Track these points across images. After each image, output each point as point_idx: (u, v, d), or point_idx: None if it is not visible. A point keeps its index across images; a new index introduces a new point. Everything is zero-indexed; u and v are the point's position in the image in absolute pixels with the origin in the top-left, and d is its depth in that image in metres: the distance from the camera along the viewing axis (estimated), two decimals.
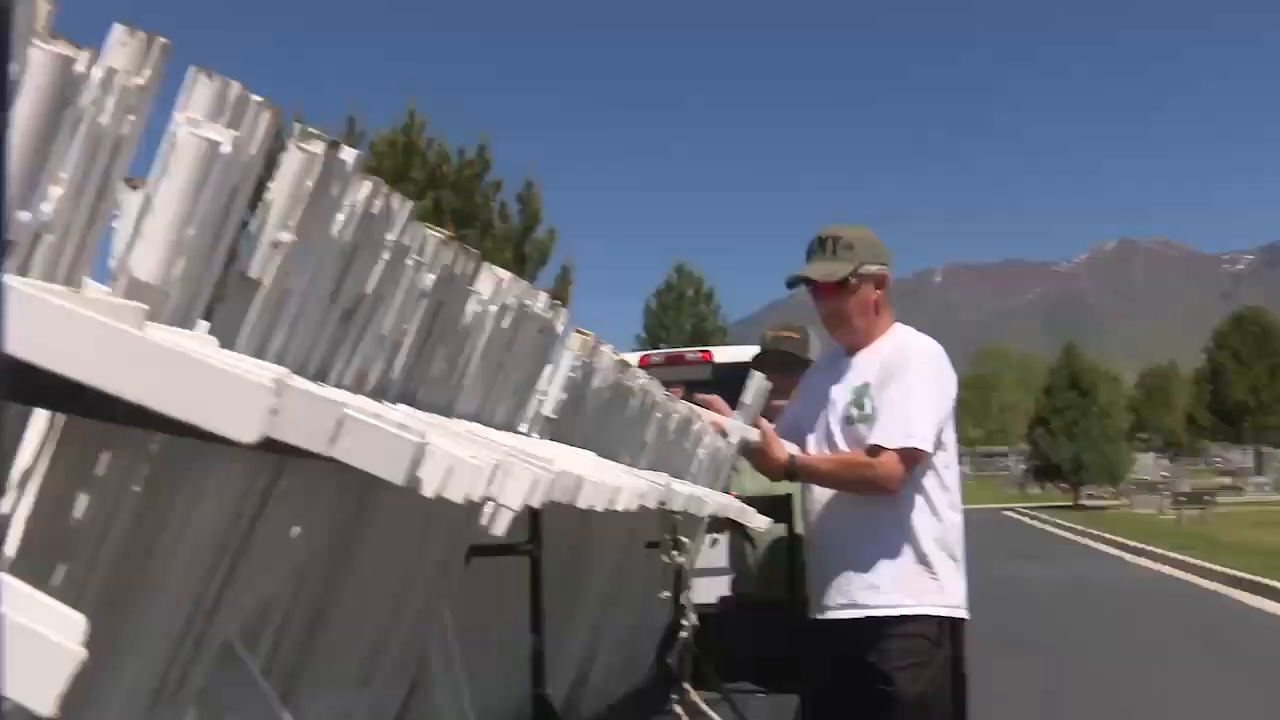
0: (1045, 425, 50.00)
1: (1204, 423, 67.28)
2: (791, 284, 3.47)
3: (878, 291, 3.42)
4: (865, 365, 3.40)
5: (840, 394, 3.41)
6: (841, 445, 3.38)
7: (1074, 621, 12.39)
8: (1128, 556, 22.46)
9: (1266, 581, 14.67)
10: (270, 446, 0.93)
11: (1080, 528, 31.33)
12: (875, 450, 3.24)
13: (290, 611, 1.42)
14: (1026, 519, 39.96)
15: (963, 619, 3.36)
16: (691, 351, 6.97)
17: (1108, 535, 26.96)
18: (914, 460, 3.25)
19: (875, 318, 3.44)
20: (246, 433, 0.76)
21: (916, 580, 3.28)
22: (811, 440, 3.48)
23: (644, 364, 6.59)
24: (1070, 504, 51.13)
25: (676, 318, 27.59)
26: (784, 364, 4.20)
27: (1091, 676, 9.01)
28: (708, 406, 3.46)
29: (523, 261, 18.11)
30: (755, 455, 3.41)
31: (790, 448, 3.42)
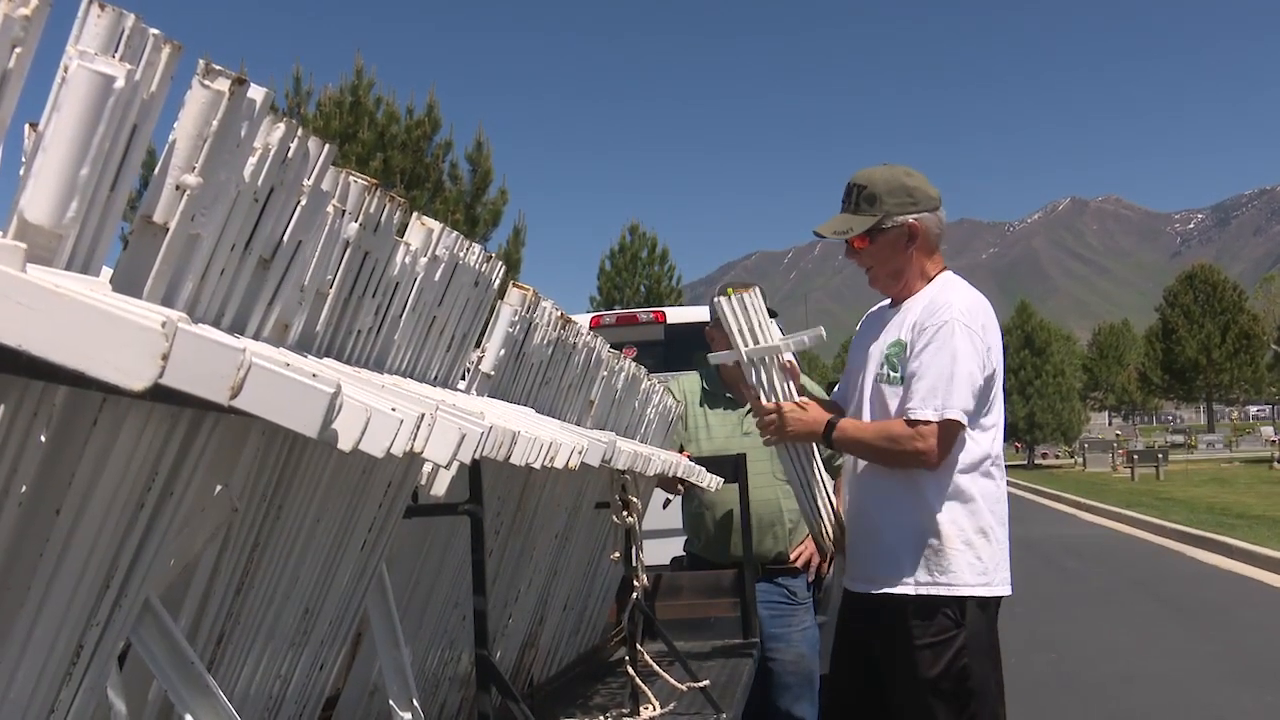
0: None
1: (1156, 381, 68.28)
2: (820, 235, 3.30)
3: (912, 243, 3.20)
4: (901, 320, 3.21)
5: (877, 351, 3.23)
6: (866, 408, 3.21)
7: (1024, 578, 12.55)
8: (1081, 514, 22.82)
9: (1216, 537, 14.95)
10: (175, 398, 0.89)
11: (1034, 486, 31.78)
12: (913, 423, 3.05)
13: (215, 571, 1.38)
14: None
15: (998, 596, 3.17)
16: (644, 312, 6.94)
17: (1061, 494, 27.37)
18: (954, 433, 3.06)
19: (912, 269, 3.22)
20: (135, 379, 0.72)
21: (941, 558, 3.10)
22: (852, 403, 3.31)
23: (595, 325, 6.57)
24: (1024, 463, 51.84)
25: (631, 279, 27.52)
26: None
27: (1042, 631, 9.15)
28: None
29: (474, 223, 17.96)
30: (795, 414, 3.21)
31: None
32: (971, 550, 3.12)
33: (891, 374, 3.15)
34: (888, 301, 3.34)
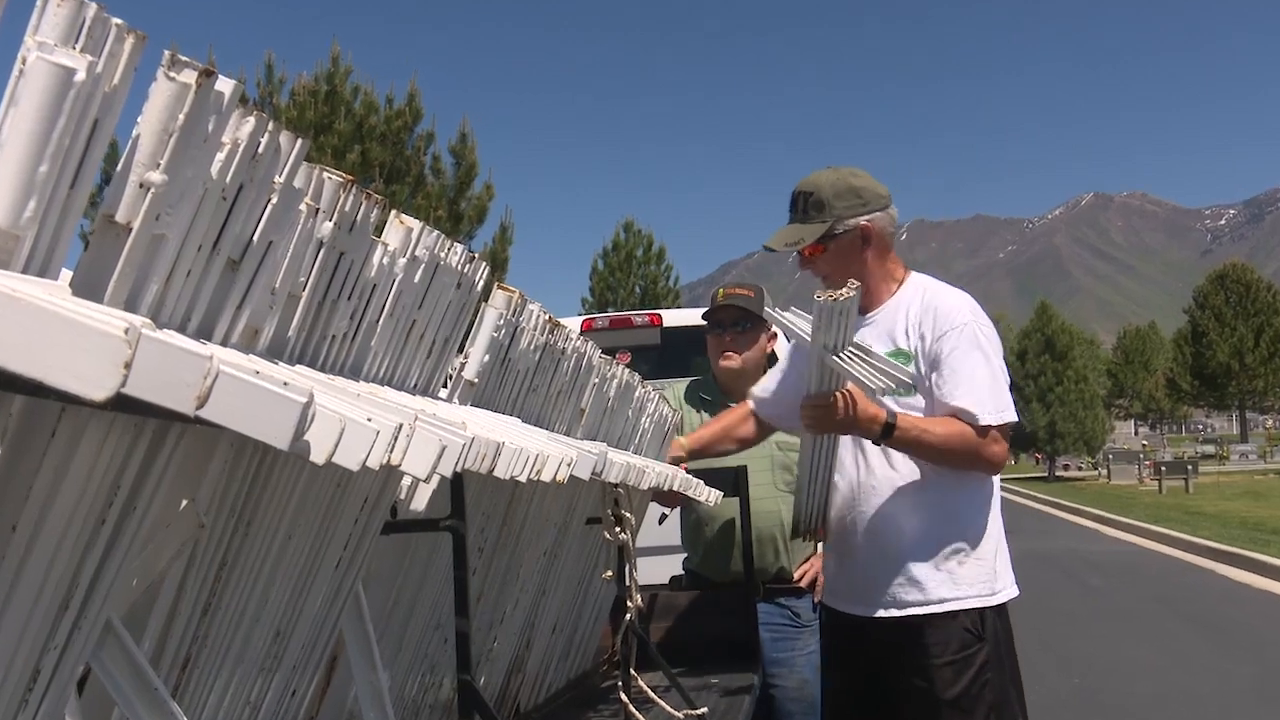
0: (1018, 391, 50.60)
1: (1186, 387, 68.38)
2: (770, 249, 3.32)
3: (867, 245, 3.24)
4: (886, 328, 3.23)
5: None
6: None
7: (1044, 594, 12.59)
8: (1104, 529, 22.85)
9: (1248, 553, 14.97)
10: (138, 408, 0.90)
11: (1055, 499, 31.81)
12: (984, 429, 3.09)
13: (181, 591, 1.39)
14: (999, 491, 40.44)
15: (1007, 601, 3.25)
16: (639, 315, 6.95)
17: (1084, 508, 27.40)
18: (1008, 435, 3.15)
19: (872, 273, 3.25)
20: (96, 388, 0.73)
21: (964, 569, 3.16)
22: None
23: (587, 329, 6.58)
24: (1044, 475, 51.85)
25: (625, 280, 27.54)
26: (735, 319, 4.19)
27: (1063, 651, 9.16)
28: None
29: (458, 220, 17.98)
30: (858, 403, 3.09)
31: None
32: (994, 558, 3.20)
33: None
34: None
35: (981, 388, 3.10)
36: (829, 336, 2.90)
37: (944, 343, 3.13)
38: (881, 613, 3.21)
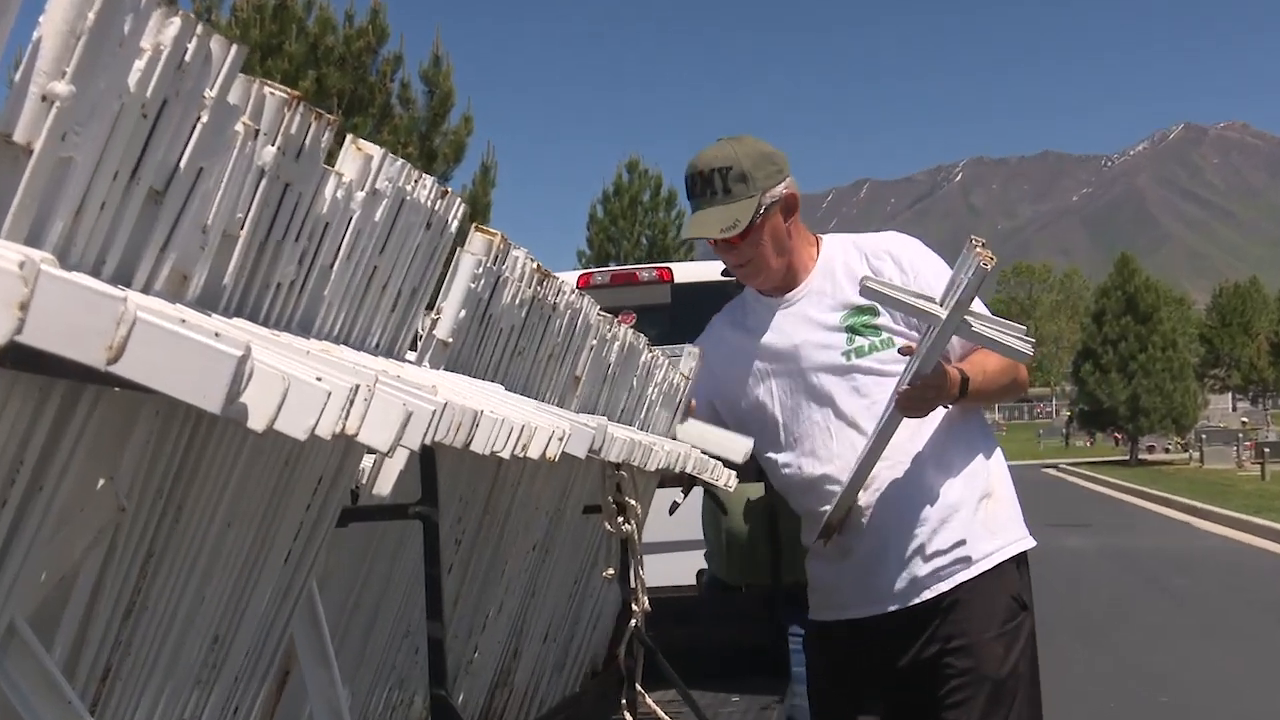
0: (1094, 360, 50.67)
1: None
2: (689, 241, 3.48)
3: (791, 215, 3.38)
4: (827, 296, 3.38)
5: (801, 340, 3.36)
6: (840, 396, 3.32)
7: (1125, 601, 12.59)
8: (1196, 522, 22.87)
9: None
10: (41, 363, 0.89)
11: (1137, 487, 31.84)
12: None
13: (99, 588, 1.39)
14: (1072, 478, 40.52)
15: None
16: (646, 270, 6.95)
17: (1171, 496, 27.42)
18: None
19: (796, 246, 3.41)
20: None
21: (996, 515, 3.33)
22: (778, 408, 3.42)
23: (584, 285, 6.58)
24: (1125, 458, 51.92)
25: (629, 229, 27.50)
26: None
27: (1147, 666, 9.19)
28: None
29: (431, 159, 17.94)
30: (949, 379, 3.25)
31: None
32: (1014, 497, 3.42)
33: (876, 341, 3.31)
34: (752, 296, 3.50)
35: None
36: (971, 303, 3.04)
37: (919, 273, 3.33)
38: (916, 600, 3.26)
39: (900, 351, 3.19)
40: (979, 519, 3.28)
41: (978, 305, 3.16)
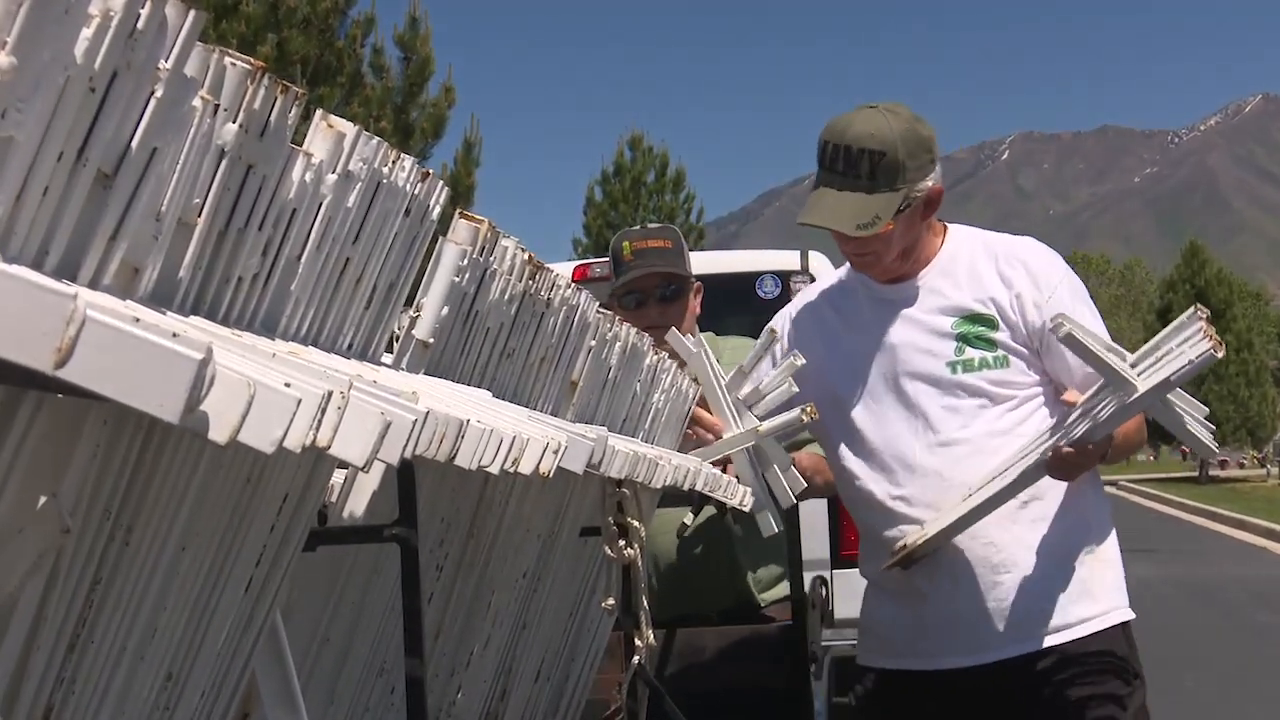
0: None
1: None
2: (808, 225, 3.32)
3: (931, 210, 3.30)
4: (934, 294, 3.32)
5: (902, 340, 3.32)
6: (933, 413, 3.28)
7: (1205, 642, 12.57)
8: (1275, 546, 22.84)
9: None
10: None
11: (1209, 509, 31.78)
12: None
13: (40, 618, 1.40)
14: (1134, 496, 40.48)
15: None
16: None
17: (1249, 519, 27.36)
18: None
19: (922, 240, 3.35)
20: None
21: (1097, 578, 3.34)
22: (861, 411, 3.36)
23: (581, 277, 6.58)
24: (1195, 474, 51.82)
25: (630, 213, 27.45)
26: (666, 295, 4.05)
27: (1228, 714, 9.17)
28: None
29: (408, 134, 17.94)
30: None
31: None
32: (1120, 564, 3.43)
33: (990, 358, 3.24)
34: (846, 278, 3.49)
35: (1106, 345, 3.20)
36: (1173, 371, 3.07)
37: (1055, 293, 3.27)
38: (996, 655, 3.26)
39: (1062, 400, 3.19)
40: (1079, 579, 3.28)
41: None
